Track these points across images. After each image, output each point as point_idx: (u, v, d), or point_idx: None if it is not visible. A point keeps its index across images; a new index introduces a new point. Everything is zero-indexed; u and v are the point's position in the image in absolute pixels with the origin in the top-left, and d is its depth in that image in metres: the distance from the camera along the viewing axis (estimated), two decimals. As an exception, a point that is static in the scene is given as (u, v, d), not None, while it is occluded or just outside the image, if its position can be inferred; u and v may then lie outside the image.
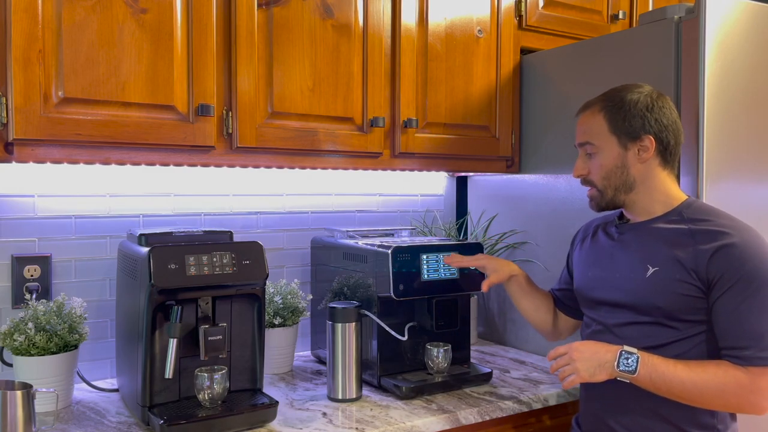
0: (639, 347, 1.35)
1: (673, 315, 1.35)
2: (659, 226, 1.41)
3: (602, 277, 1.48)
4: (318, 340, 2.06)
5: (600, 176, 1.44)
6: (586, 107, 1.48)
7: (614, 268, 1.46)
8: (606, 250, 1.50)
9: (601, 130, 1.43)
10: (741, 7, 1.65)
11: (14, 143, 1.39)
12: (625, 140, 1.41)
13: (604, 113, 1.43)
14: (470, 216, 2.38)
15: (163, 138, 1.53)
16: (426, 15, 1.92)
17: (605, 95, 1.46)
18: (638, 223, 1.45)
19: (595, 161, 1.45)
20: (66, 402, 1.59)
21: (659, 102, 1.41)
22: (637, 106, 1.40)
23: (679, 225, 1.38)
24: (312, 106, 1.74)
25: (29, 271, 1.71)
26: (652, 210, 1.43)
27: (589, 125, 1.46)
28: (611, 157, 1.42)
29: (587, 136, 1.46)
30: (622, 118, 1.41)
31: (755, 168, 1.71)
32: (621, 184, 1.43)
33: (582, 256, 1.59)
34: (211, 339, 1.49)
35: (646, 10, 2.31)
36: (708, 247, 1.32)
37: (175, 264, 1.42)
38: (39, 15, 1.38)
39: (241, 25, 1.62)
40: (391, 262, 1.69)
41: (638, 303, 1.39)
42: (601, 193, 1.46)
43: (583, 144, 1.47)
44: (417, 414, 1.57)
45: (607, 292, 1.46)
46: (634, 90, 1.43)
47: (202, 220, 1.97)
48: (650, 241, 1.40)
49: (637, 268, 1.40)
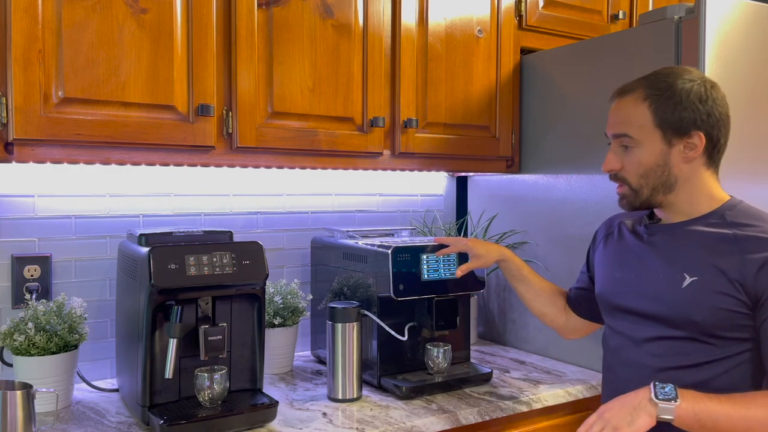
0: (670, 366, 1.20)
1: (710, 331, 1.18)
2: (698, 228, 1.24)
3: (628, 283, 1.32)
4: (318, 340, 2.06)
5: (637, 174, 1.26)
6: (626, 92, 1.28)
7: (644, 274, 1.29)
8: (634, 251, 1.33)
9: (643, 122, 1.23)
10: (741, 7, 1.65)
11: (14, 143, 1.39)
12: (671, 135, 1.22)
13: (649, 102, 1.23)
14: (470, 216, 2.38)
15: (163, 138, 1.53)
16: (426, 15, 1.92)
17: (649, 80, 1.26)
18: (673, 224, 1.28)
19: (632, 156, 1.26)
20: (66, 402, 1.59)
21: (713, 92, 1.23)
22: (690, 96, 1.20)
23: (721, 229, 1.21)
24: (312, 106, 1.74)
25: (29, 271, 1.71)
26: (690, 211, 1.27)
27: (629, 114, 1.25)
28: (653, 153, 1.24)
29: (625, 126, 1.26)
30: (671, 110, 1.21)
31: (755, 168, 1.71)
32: (660, 184, 1.25)
33: (606, 257, 1.41)
34: (211, 339, 1.49)
35: (646, 10, 2.31)
36: (756, 257, 1.15)
37: (175, 264, 1.42)
38: (39, 15, 1.38)
39: (241, 25, 1.62)
40: (391, 262, 1.69)
41: (671, 316, 1.22)
42: (635, 192, 1.27)
43: (619, 135, 1.28)
44: (417, 414, 1.57)
45: (635, 300, 1.29)
46: (684, 76, 1.23)
47: (202, 220, 1.97)
48: (687, 246, 1.23)
49: (672, 277, 1.23)
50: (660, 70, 1.28)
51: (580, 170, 1.94)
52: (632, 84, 1.28)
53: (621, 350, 1.32)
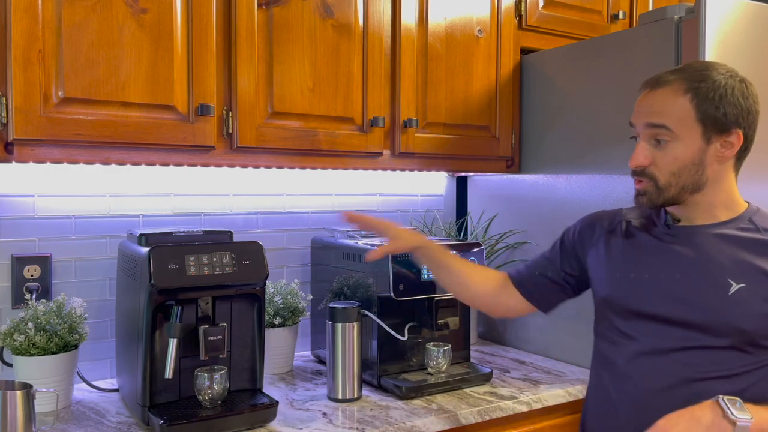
0: (704, 377, 1.14)
1: (754, 340, 1.13)
2: (731, 233, 1.18)
3: (652, 286, 1.22)
4: (318, 340, 2.06)
5: (669, 171, 1.17)
6: (662, 83, 1.18)
7: (676, 278, 1.19)
8: (654, 252, 1.24)
9: (685, 115, 1.15)
10: (741, 7, 1.65)
11: (14, 143, 1.39)
12: (711, 132, 1.14)
13: (691, 95, 1.14)
14: (470, 216, 2.38)
15: (163, 138, 1.53)
16: (426, 15, 1.92)
17: (687, 73, 1.17)
18: (700, 226, 1.21)
19: (667, 151, 1.16)
20: (66, 402, 1.59)
21: (751, 89, 1.16)
22: (734, 92, 1.14)
23: (757, 234, 1.17)
24: (312, 106, 1.74)
25: (29, 271, 1.71)
26: (714, 213, 1.20)
27: (668, 105, 1.16)
28: (690, 150, 1.15)
29: (663, 117, 1.16)
30: (715, 106, 1.13)
31: (755, 168, 1.71)
32: (692, 183, 1.17)
33: (613, 257, 1.30)
34: (211, 339, 1.49)
35: (646, 10, 2.31)
36: None
37: (175, 264, 1.42)
38: (39, 15, 1.38)
39: (241, 25, 1.62)
40: (391, 262, 1.69)
41: (716, 324, 1.14)
42: (660, 190, 1.18)
43: (655, 126, 1.17)
44: (417, 414, 1.57)
45: (665, 306, 1.19)
46: (720, 70, 1.16)
47: (202, 220, 1.97)
48: (727, 251, 1.16)
49: (715, 283, 1.15)
50: (693, 62, 1.21)
51: (580, 170, 1.94)
52: (668, 75, 1.19)
53: (640, 358, 1.21)
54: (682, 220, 1.23)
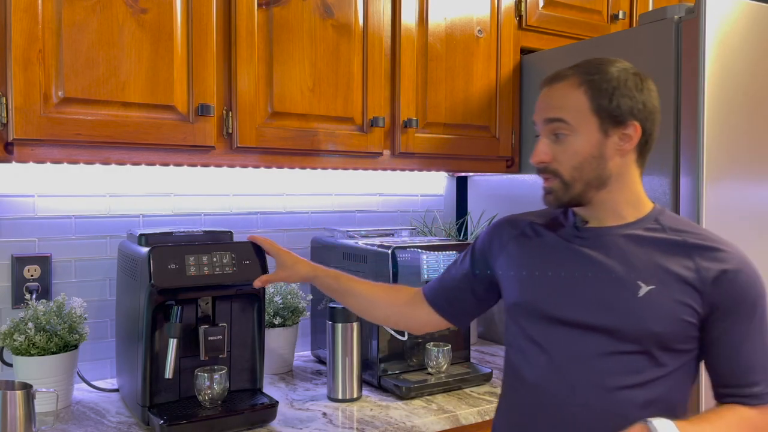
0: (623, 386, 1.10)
1: (667, 344, 1.10)
2: (639, 233, 1.16)
3: (565, 291, 1.17)
4: (318, 340, 2.06)
5: (571, 165, 1.15)
6: (560, 78, 1.19)
7: (586, 282, 1.16)
8: (565, 256, 1.20)
9: (581, 107, 1.15)
10: (741, 7, 1.65)
11: (14, 143, 1.39)
12: (607, 124, 1.14)
13: (585, 88, 1.15)
14: (470, 216, 2.38)
15: (163, 138, 1.53)
16: (426, 15, 1.92)
17: (582, 68, 1.19)
18: (608, 227, 1.18)
19: (567, 146, 1.16)
20: (66, 402, 1.59)
21: (646, 83, 1.17)
22: (627, 83, 1.15)
23: (665, 235, 1.15)
24: (312, 106, 1.74)
25: (29, 271, 1.71)
26: (622, 213, 1.18)
27: (564, 99, 1.16)
28: (589, 142, 1.15)
29: (561, 111, 1.16)
30: (609, 97, 1.14)
31: (755, 168, 1.71)
32: (594, 178, 1.15)
33: (523, 261, 1.26)
34: (211, 339, 1.49)
35: (646, 10, 2.31)
36: (712, 266, 1.10)
37: (175, 264, 1.42)
38: (39, 15, 1.38)
39: (241, 25, 1.62)
40: (391, 262, 1.69)
41: (626, 328, 1.11)
42: (566, 186, 1.16)
43: (552, 120, 1.17)
44: (417, 414, 1.57)
45: (579, 311, 1.15)
46: (617, 64, 1.18)
47: (202, 220, 1.97)
48: (638, 252, 1.14)
49: (624, 285, 1.12)
50: (590, 59, 1.21)
51: (580, 170, 1.93)
52: (565, 71, 1.19)
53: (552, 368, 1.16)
54: (590, 222, 1.21)
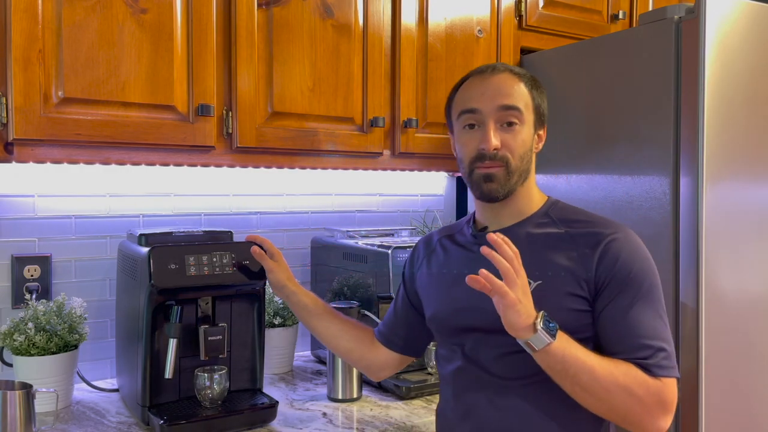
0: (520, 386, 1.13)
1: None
2: (530, 231, 1.19)
3: (465, 300, 1.18)
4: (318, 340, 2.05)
5: (518, 154, 1.18)
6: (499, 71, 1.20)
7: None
8: (465, 264, 1.23)
9: (528, 101, 1.19)
10: (741, 7, 1.65)
11: (14, 143, 1.39)
12: (536, 123, 1.21)
13: (525, 84, 1.19)
14: (470, 216, 2.38)
15: (163, 138, 1.53)
16: (426, 15, 1.92)
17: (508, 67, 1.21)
18: (503, 229, 1.20)
19: (516, 135, 1.18)
20: (66, 402, 1.59)
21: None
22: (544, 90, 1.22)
23: (553, 229, 1.18)
24: (312, 106, 1.74)
25: (29, 271, 1.71)
26: (523, 210, 1.22)
27: (514, 89, 1.18)
28: (529, 135, 1.19)
29: (515, 100, 1.17)
30: (541, 97, 1.20)
31: (755, 168, 1.71)
32: (526, 170, 1.20)
33: (433, 277, 1.30)
34: (211, 339, 1.49)
35: (646, 10, 2.31)
36: (594, 250, 1.12)
37: (175, 264, 1.42)
38: (39, 15, 1.38)
39: (241, 25, 1.62)
40: (391, 262, 1.69)
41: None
42: (509, 175, 1.17)
43: (508, 108, 1.17)
44: (417, 414, 1.57)
45: (476, 317, 1.16)
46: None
47: (202, 220, 1.97)
48: (526, 250, 1.11)
49: None
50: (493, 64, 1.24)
51: (580, 170, 1.94)
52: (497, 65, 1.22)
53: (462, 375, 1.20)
54: (490, 226, 1.23)
